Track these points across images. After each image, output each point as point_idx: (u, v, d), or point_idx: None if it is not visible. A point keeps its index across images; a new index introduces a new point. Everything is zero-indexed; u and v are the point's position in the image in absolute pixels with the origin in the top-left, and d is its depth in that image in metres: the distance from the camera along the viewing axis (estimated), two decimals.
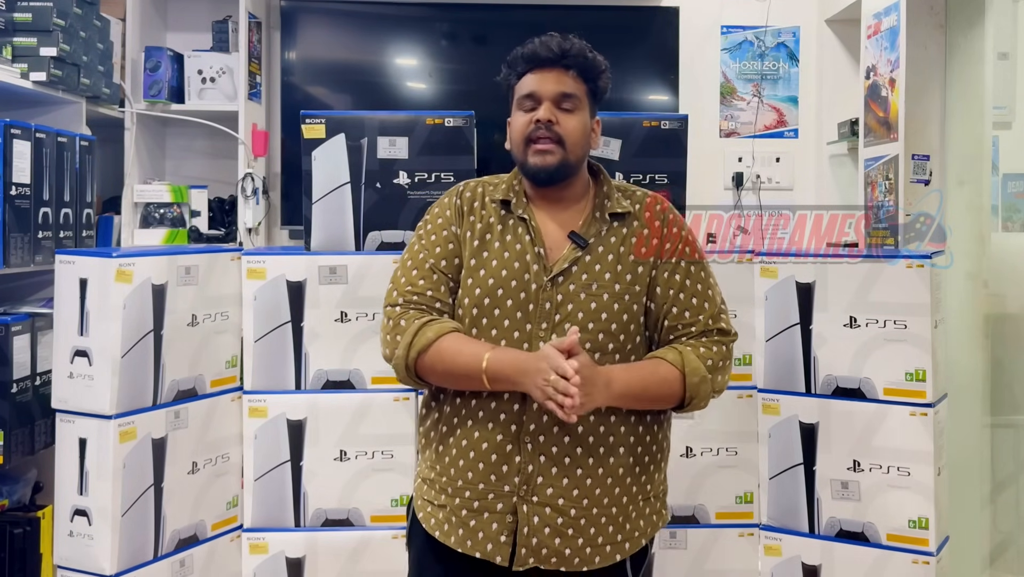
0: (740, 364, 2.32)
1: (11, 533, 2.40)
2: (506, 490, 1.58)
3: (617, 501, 1.60)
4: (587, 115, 1.66)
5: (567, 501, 1.57)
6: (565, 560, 1.57)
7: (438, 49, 3.50)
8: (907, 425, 2.14)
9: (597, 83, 1.67)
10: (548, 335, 1.57)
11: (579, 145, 1.64)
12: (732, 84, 3.63)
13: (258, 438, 2.28)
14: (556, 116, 1.61)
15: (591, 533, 1.58)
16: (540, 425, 1.57)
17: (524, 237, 1.63)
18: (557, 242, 1.64)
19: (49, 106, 2.71)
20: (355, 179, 2.33)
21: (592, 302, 1.59)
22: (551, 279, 1.60)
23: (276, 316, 2.29)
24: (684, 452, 2.31)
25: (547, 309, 1.59)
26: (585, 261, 1.62)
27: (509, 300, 1.60)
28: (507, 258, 1.62)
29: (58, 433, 2.13)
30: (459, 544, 1.60)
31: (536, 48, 1.63)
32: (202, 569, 2.25)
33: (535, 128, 1.61)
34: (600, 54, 1.68)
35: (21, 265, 2.37)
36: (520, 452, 1.57)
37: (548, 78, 1.62)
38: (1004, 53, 3.01)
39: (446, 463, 1.63)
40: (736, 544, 2.31)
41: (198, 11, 3.43)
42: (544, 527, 1.56)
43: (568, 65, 1.63)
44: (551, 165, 1.61)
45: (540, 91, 1.62)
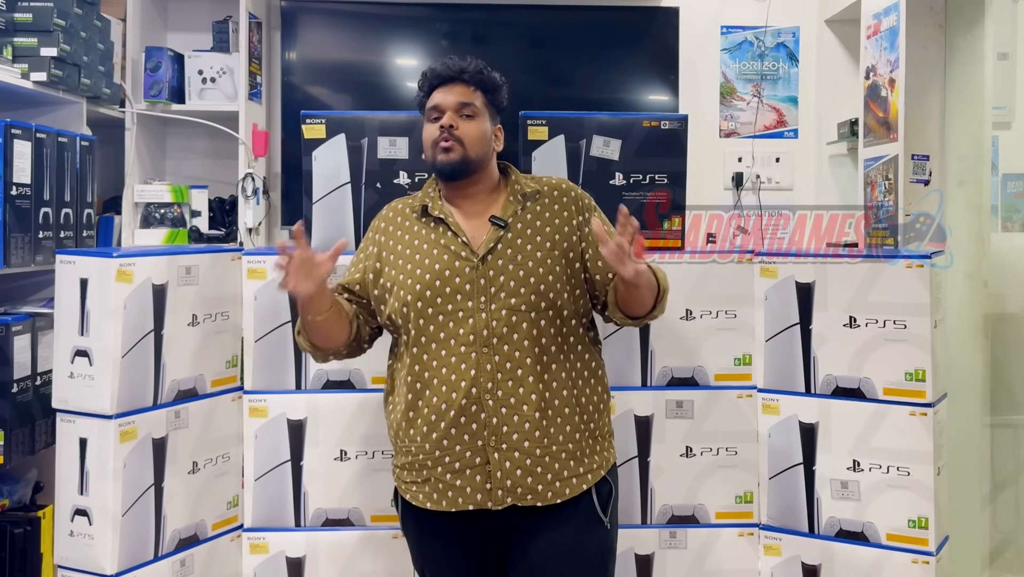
0: (740, 364, 2.32)
1: (11, 533, 2.40)
2: (479, 445, 1.81)
3: (571, 438, 1.85)
4: (487, 122, 1.93)
5: (531, 443, 1.81)
6: (538, 495, 1.81)
7: (438, 49, 3.50)
8: (907, 425, 2.15)
9: (495, 95, 1.96)
10: (488, 306, 1.82)
11: (478, 144, 1.90)
12: (732, 84, 3.63)
13: (258, 438, 2.28)
14: (457, 122, 1.89)
15: (556, 468, 1.83)
16: (496, 382, 1.81)
17: (446, 233, 1.89)
18: (479, 229, 1.90)
19: (49, 106, 2.72)
20: (355, 179, 2.33)
21: (519, 270, 1.85)
22: (481, 259, 1.85)
23: (276, 316, 2.29)
24: (684, 452, 2.31)
25: (483, 285, 1.84)
26: (507, 238, 1.87)
27: (448, 287, 1.84)
28: (436, 254, 1.87)
29: (58, 433, 2.13)
30: (451, 505, 1.82)
31: (439, 68, 1.94)
32: (202, 569, 2.25)
33: (440, 134, 1.89)
34: (495, 73, 1.95)
35: (21, 265, 2.37)
36: (484, 409, 1.80)
37: (448, 91, 1.91)
38: (1004, 53, 3.01)
39: (419, 440, 1.84)
40: (736, 544, 2.31)
41: (198, 11, 3.43)
42: (516, 469, 1.80)
43: (466, 80, 1.92)
44: (454, 160, 1.88)
45: (443, 103, 1.91)
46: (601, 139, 2.35)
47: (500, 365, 1.81)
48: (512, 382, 1.81)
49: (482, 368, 1.81)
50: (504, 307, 1.82)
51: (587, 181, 2.32)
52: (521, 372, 1.81)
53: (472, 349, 1.81)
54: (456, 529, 1.85)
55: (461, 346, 1.82)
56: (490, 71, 1.95)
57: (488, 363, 1.81)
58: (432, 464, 1.83)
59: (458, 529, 1.85)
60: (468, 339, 1.81)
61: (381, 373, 2.16)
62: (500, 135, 1.99)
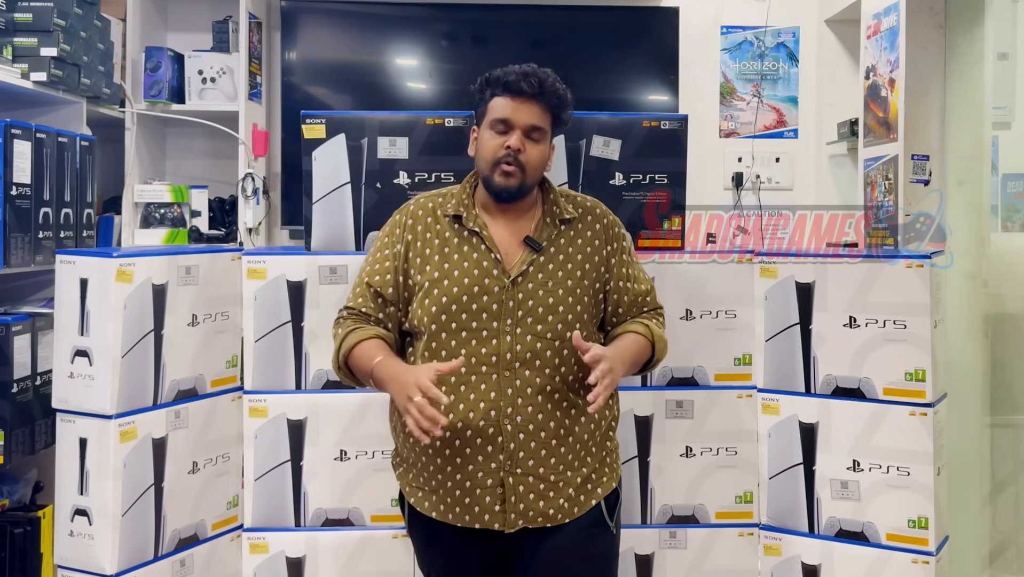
0: (740, 364, 2.32)
1: (11, 533, 2.40)
2: (493, 467, 1.79)
3: (584, 462, 1.85)
4: (548, 143, 1.87)
5: (547, 469, 1.80)
6: (549, 517, 1.81)
7: (438, 49, 3.50)
8: (907, 425, 2.15)
9: (561, 115, 1.87)
10: (513, 329, 1.79)
11: (538, 171, 1.85)
12: (732, 84, 3.63)
13: (258, 438, 2.28)
14: (524, 145, 1.80)
15: (570, 493, 1.83)
16: (516, 407, 1.78)
17: (480, 247, 1.83)
18: (512, 247, 1.85)
19: (49, 106, 2.72)
20: (355, 179, 2.33)
21: (550, 297, 1.82)
22: (512, 280, 1.81)
23: (276, 316, 2.29)
24: (684, 452, 2.31)
25: (511, 307, 1.80)
26: (540, 262, 1.83)
27: (474, 304, 1.80)
28: (467, 268, 1.82)
29: (58, 433, 2.13)
30: (457, 520, 1.81)
31: (518, 79, 1.80)
32: (202, 569, 2.26)
33: (505, 154, 1.80)
34: (568, 92, 1.86)
35: (21, 265, 2.37)
36: (501, 433, 1.78)
37: (522, 109, 1.80)
38: (1004, 53, 3.01)
39: (431, 452, 1.81)
40: (736, 544, 2.31)
41: (198, 11, 3.43)
42: (529, 493, 1.80)
43: (542, 100, 1.81)
44: (512, 187, 1.81)
45: (514, 120, 1.80)
46: (601, 139, 2.35)
47: (521, 390, 1.79)
48: (532, 408, 1.79)
49: (502, 392, 1.78)
50: (529, 332, 1.79)
51: (587, 181, 2.33)
52: (541, 398, 1.79)
53: (493, 371, 1.79)
54: (464, 539, 1.84)
55: (482, 366, 1.79)
56: (565, 89, 1.84)
57: (509, 387, 1.78)
58: (443, 478, 1.82)
59: (466, 539, 1.84)
60: (490, 360, 1.79)
61: None
62: (552, 153, 1.92)
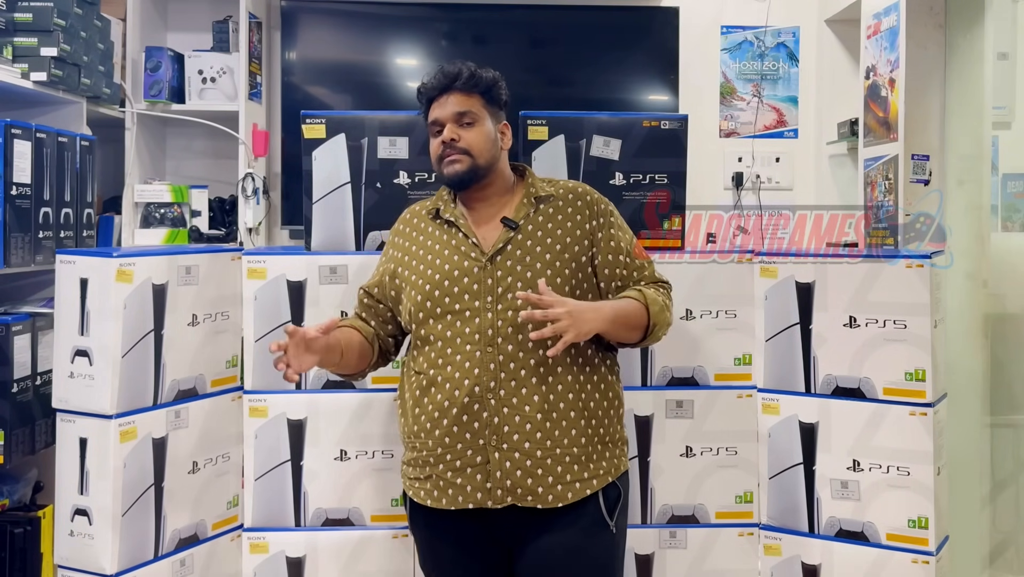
0: (740, 364, 2.32)
1: (11, 533, 2.40)
2: (480, 444, 1.82)
3: (576, 442, 1.85)
4: (488, 124, 1.92)
5: (532, 444, 1.81)
6: (538, 497, 1.82)
7: (438, 49, 3.50)
8: (907, 425, 2.15)
9: (492, 93, 1.93)
10: (494, 306, 1.84)
11: (485, 149, 1.90)
12: (732, 84, 3.63)
13: (258, 438, 2.28)
14: (458, 133, 1.88)
15: (558, 472, 1.83)
16: (499, 382, 1.82)
17: (457, 234, 1.91)
18: (491, 231, 1.91)
19: (50, 106, 2.72)
20: (355, 179, 2.33)
21: (528, 272, 1.85)
22: (489, 259, 1.86)
23: (276, 316, 2.29)
24: (684, 452, 2.31)
25: (490, 284, 1.85)
26: (517, 240, 1.88)
27: (456, 286, 1.86)
28: (447, 254, 1.89)
29: (58, 433, 2.13)
30: (452, 503, 1.84)
31: (430, 81, 1.93)
32: (202, 569, 2.25)
33: (443, 148, 1.90)
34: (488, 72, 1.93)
35: (22, 265, 2.37)
36: (486, 408, 1.81)
37: (443, 104, 1.91)
38: (1004, 53, 3.01)
39: (423, 436, 1.86)
40: (736, 544, 2.31)
41: (198, 11, 3.43)
42: (516, 470, 1.81)
43: (457, 88, 1.90)
44: (460, 172, 1.89)
45: (440, 116, 1.91)
46: (601, 139, 2.35)
47: (504, 365, 1.82)
48: (515, 382, 1.82)
49: (485, 367, 1.82)
50: (510, 307, 1.83)
51: (587, 181, 2.31)
52: (524, 373, 1.82)
53: (477, 348, 1.83)
54: (463, 529, 1.87)
55: (467, 344, 1.83)
56: (481, 71, 1.92)
57: (492, 362, 1.82)
58: (435, 461, 1.85)
59: (465, 529, 1.87)
60: (474, 338, 1.83)
61: (381, 373, 2.16)
62: (507, 131, 1.98)
